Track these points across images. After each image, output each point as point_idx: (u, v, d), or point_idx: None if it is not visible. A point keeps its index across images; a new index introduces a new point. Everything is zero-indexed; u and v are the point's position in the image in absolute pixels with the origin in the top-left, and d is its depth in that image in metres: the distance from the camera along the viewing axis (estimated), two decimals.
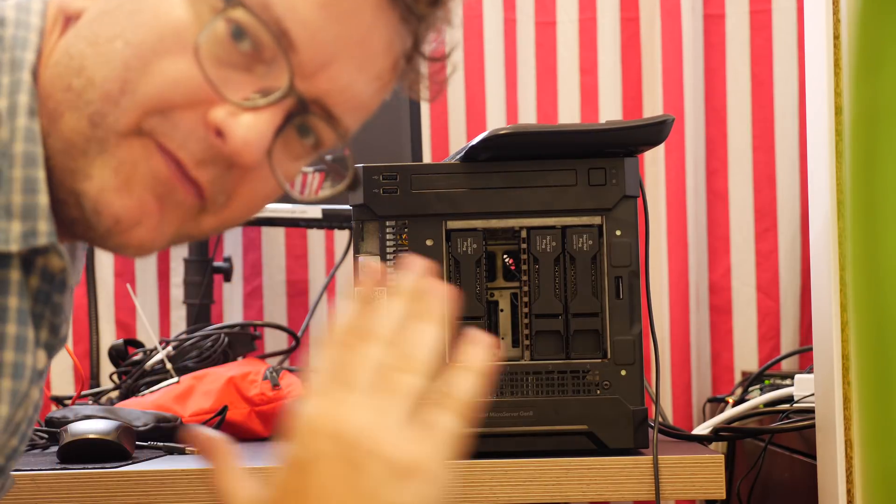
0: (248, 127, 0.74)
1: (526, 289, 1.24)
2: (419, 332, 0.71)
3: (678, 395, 2.00)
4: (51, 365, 2.05)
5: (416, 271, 0.73)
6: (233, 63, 0.75)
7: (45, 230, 0.75)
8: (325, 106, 0.78)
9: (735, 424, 1.48)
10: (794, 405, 1.44)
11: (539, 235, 1.24)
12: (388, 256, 1.24)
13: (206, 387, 1.55)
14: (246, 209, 0.81)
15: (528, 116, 2.06)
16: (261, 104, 0.75)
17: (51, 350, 0.83)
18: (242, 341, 1.74)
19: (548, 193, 1.23)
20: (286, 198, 0.83)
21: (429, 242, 1.24)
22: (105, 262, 2.06)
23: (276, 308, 2.07)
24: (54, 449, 1.33)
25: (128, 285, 1.97)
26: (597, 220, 1.23)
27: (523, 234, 1.24)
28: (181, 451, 1.35)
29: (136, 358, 1.71)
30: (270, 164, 0.77)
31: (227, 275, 2.01)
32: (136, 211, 0.76)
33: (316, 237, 2.07)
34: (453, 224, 1.25)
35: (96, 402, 1.72)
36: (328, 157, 0.83)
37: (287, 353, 1.87)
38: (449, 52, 0.86)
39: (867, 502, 0.61)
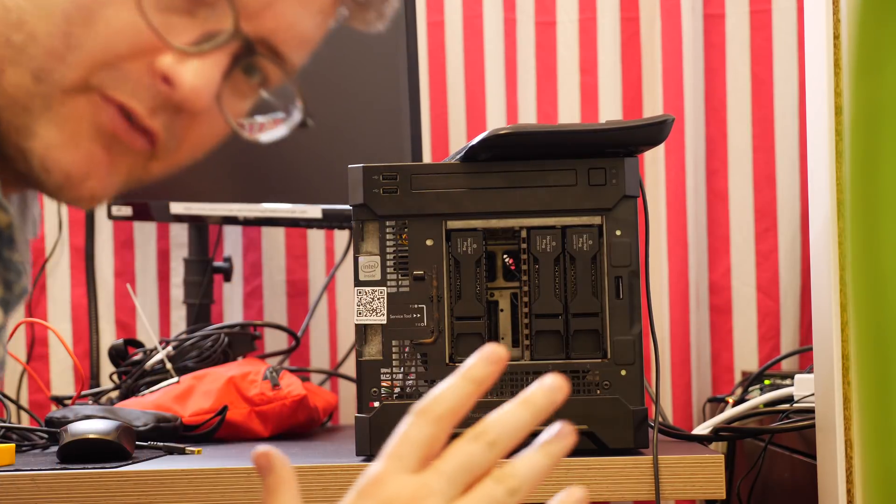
0: (196, 73, 0.74)
1: (526, 289, 1.24)
2: (530, 461, 0.68)
3: (678, 395, 2.00)
4: (51, 364, 2.04)
5: (550, 389, 0.69)
6: (175, 8, 0.74)
7: None
8: (271, 45, 0.78)
9: (735, 424, 1.48)
10: (794, 405, 1.44)
11: (539, 235, 1.24)
12: (388, 256, 1.24)
13: (206, 387, 1.55)
14: (194, 152, 0.80)
15: (528, 116, 2.06)
16: (206, 48, 0.74)
17: (6, 306, 0.82)
18: (242, 341, 1.75)
19: (548, 193, 1.23)
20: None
21: (429, 242, 1.24)
22: (105, 262, 2.07)
23: (276, 308, 2.07)
24: (54, 449, 1.33)
25: (128, 285, 1.97)
26: (597, 220, 1.23)
27: (523, 234, 1.24)
28: (181, 451, 1.35)
29: (136, 358, 1.71)
30: (220, 107, 0.77)
31: (227, 275, 2.01)
32: (85, 164, 0.75)
33: (316, 237, 2.07)
34: (453, 224, 1.25)
35: (96, 402, 1.72)
36: (291, 111, 0.83)
37: (287, 353, 1.87)
38: None
39: (867, 502, 0.61)
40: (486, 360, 0.69)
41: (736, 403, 1.57)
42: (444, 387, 0.68)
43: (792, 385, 1.50)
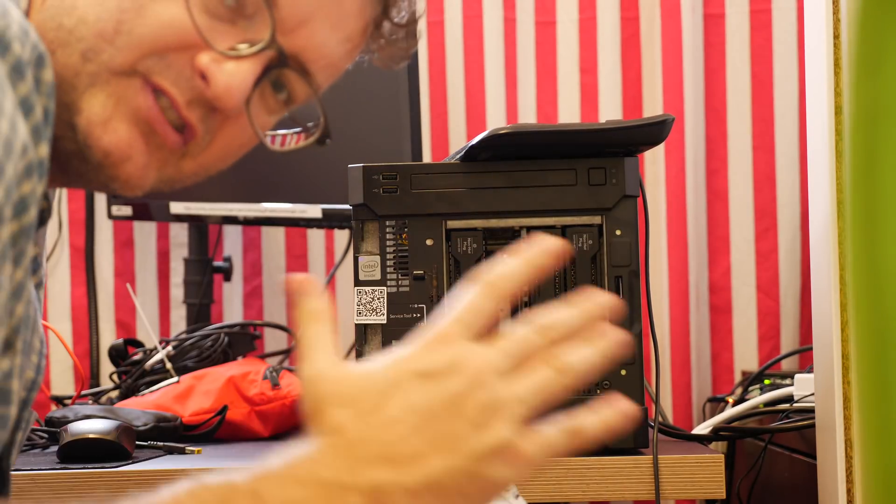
0: (231, 74, 0.79)
1: (526, 288, 1.24)
2: (580, 351, 0.70)
3: (678, 395, 2.00)
4: (51, 364, 2.04)
5: (595, 302, 0.71)
6: (219, 15, 0.80)
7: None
8: (301, 61, 0.83)
9: (735, 424, 1.48)
10: (794, 405, 1.44)
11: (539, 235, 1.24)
12: (388, 256, 1.24)
13: (206, 386, 1.55)
14: (223, 155, 0.85)
15: (528, 116, 2.06)
16: (244, 53, 0.80)
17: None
18: (242, 341, 1.74)
19: (548, 193, 1.23)
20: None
21: (429, 242, 1.24)
22: (105, 261, 2.07)
23: (276, 308, 2.07)
24: (54, 449, 1.33)
25: (128, 285, 1.97)
26: (597, 219, 1.23)
27: (523, 233, 1.24)
28: (181, 451, 1.35)
29: (136, 358, 1.71)
30: (248, 114, 0.82)
31: (227, 274, 2.01)
32: (125, 146, 0.80)
33: (316, 237, 2.07)
34: (453, 224, 1.25)
35: (96, 401, 1.72)
36: (312, 128, 0.88)
37: (287, 352, 1.87)
38: (417, 18, 0.91)
39: (867, 502, 0.61)
40: (546, 250, 0.71)
41: (736, 403, 1.57)
42: (507, 267, 0.71)
43: (792, 385, 1.50)
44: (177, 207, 1.90)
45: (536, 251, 0.71)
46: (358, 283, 1.25)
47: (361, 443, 0.65)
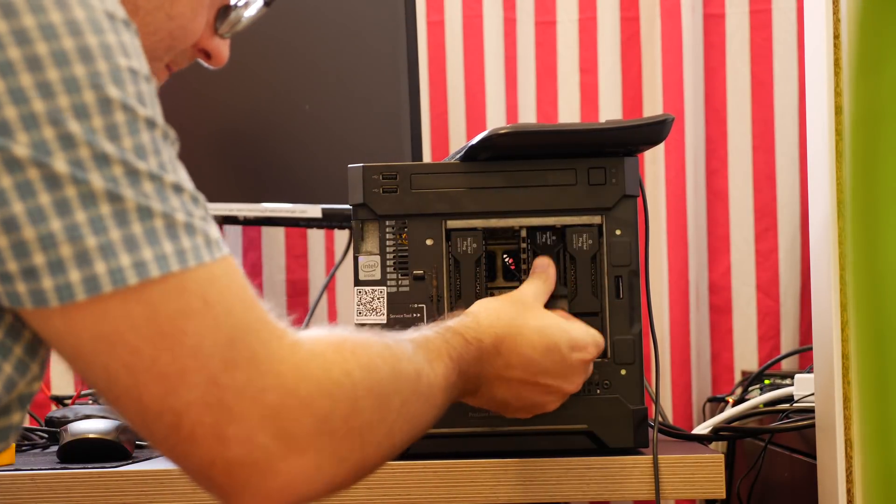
0: (225, 47, 1.05)
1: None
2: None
3: (678, 395, 2.00)
4: (51, 364, 2.06)
5: None
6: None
7: None
8: None
9: (735, 424, 1.48)
10: (794, 405, 1.44)
11: (539, 235, 1.24)
12: (388, 256, 1.24)
13: None
14: None
15: (527, 116, 2.06)
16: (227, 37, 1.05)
17: None
18: None
19: (548, 193, 1.23)
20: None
21: (429, 242, 1.24)
22: None
23: (275, 308, 2.07)
24: (54, 449, 1.33)
25: None
26: (597, 219, 1.23)
27: (523, 233, 1.24)
28: None
29: None
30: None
31: None
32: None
33: (316, 237, 2.07)
34: (453, 224, 1.25)
35: (96, 401, 1.72)
36: None
37: None
38: None
39: (867, 502, 0.61)
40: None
41: (736, 403, 1.57)
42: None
43: (792, 385, 1.50)
44: None
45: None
46: (358, 283, 1.25)
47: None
